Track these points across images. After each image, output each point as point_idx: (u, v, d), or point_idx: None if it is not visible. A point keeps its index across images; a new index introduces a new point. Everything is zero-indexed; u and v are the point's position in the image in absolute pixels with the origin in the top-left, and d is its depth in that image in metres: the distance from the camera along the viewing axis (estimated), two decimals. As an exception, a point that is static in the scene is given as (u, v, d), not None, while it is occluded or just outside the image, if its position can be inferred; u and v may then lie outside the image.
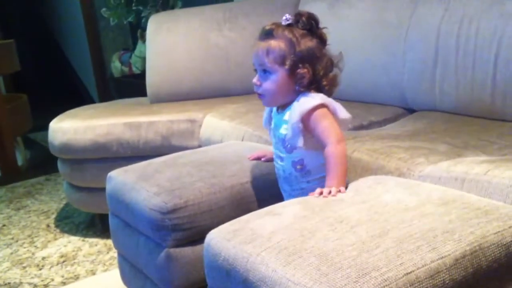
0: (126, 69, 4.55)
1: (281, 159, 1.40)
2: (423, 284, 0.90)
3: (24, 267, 2.28)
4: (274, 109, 1.44)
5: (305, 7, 2.66)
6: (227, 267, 1.07)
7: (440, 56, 1.94)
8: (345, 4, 2.40)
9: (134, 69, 4.43)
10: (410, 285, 0.89)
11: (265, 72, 1.34)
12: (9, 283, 2.15)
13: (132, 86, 4.07)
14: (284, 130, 1.36)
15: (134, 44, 4.64)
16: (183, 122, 2.35)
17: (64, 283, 2.10)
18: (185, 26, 2.84)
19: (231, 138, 2.07)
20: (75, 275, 2.16)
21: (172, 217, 1.41)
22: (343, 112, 1.34)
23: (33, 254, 2.41)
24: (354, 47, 2.29)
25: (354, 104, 2.27)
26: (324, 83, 1.33)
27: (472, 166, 1.31)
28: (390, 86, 2.16)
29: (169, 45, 2.83)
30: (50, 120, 2.54)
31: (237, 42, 2.76)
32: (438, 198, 1.15)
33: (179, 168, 1.62)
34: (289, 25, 1.33)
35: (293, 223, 1.11)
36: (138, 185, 1.55)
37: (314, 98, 1.31)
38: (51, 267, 2.26)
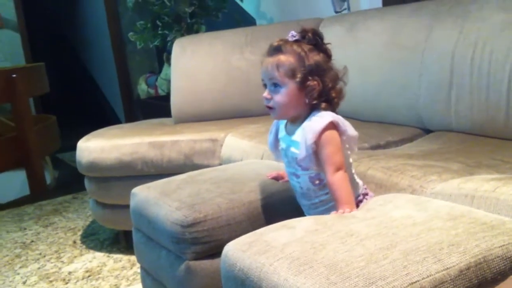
0: (152, 91, 4.68)
1: (297, 176, 1.44)
2: (428, 294, 0.94)
3: (51, 281, 2.36)
4: (282, 131, 1.48)
5: (324, 30, 2.74)
6: (242, 276, 1.13)
7: (455, 78, 1.98)
8: (363, 27, 2.47)
9: (159, 91, 4.54)
10: (414, 294, 0.93)
11: (276, 86, 1.38)
12: (36, 296, 2.24)
13: (157, 108, 4.17)
14: (295, 150, 1.39)
15: (160, 67, 4.77)
16: (205, 142, 2.42)
17: (88, 297, 2.18)
18: (208, 49, 2.93)
19: (251, 157, 2.14)
20: (99, 289, 2.23)
21: (192, 231, 1.47)
22: (351, 130, 1.39)
23: (59, 269, 2.49)
24: (371, 68, 2.35)
25: (372, 124, 2.33)
26: (333, 94, 1.38)
27: (482, 183, 1.34)
28: (407, 107, 2.21)
29: (192, 68, 2.92)
30: (78, 141, 2.64)
31: (257, 65, 2.80)
32: (446, 213, 1.19)
33: (199, 184, 1.69)
34: (296, 41, 1.38)
35: (305, 236, 1.16)
36: (160, 201, 1.62)
37: (324, 117, 1.34)
38: (77, 281, 2.33)
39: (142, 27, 4.04)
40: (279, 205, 1.58)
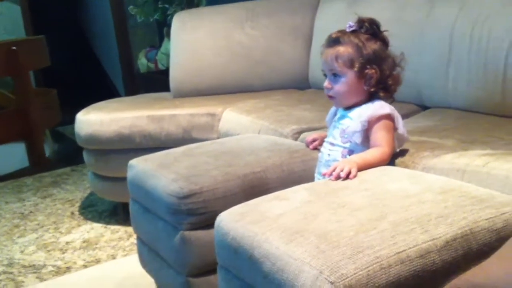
0: (152, 65, 4.68)
1: (332, 145, 1.51)
2: (414, 263, 0.97)
3: (49, 251, 2.39)
4: (341, 109, 1.55)
5: (325, 6, 2.73)
6: (235, 245, 1.15)
7: (453, 54, 1.98)
8: (364, 3, 2.46)
9: (160, 65, 4.54)
10: (400, 263, 0.96)
11: (335, 76, 1.47)
12: (34, 265, 2.27)
13: (157, 82, 4.18)
14: (348, 121, 1.47)
15: (161, 41, 4.76)
16: (203, 116, 2.43)
17: (85, 266, 2.20)
18: (208, 24, 2.92)
19: (248, 131, 2.15)
20: (96, 259, 2.26)
21: (188, 202, 1.49)
22: (403, 129, 1.48)
23: (57, 239, 2.52)
24: (371, 45, 2.34)
25: (370, 101, 2.33)
26: (390, 82, 1.47)
27: (474, 158, 1.36)
28: (405, 83, 2.19)
29: (192, 43, 2.91)
30: (78, 114, 2.64)
31: (258, 40, 2.83)
32: (439, 187, 1.21)
33: (196, 157, 1.71)
34: (353, 31, 1.46)
35: (299, 207, 1.18)
36: (158, 173, 1.64)
37: (384, 108, 1.44)
38: (74, 251, 2.36)
39: (143, 0, 4.02)
40: (274, 179, 1.60)
